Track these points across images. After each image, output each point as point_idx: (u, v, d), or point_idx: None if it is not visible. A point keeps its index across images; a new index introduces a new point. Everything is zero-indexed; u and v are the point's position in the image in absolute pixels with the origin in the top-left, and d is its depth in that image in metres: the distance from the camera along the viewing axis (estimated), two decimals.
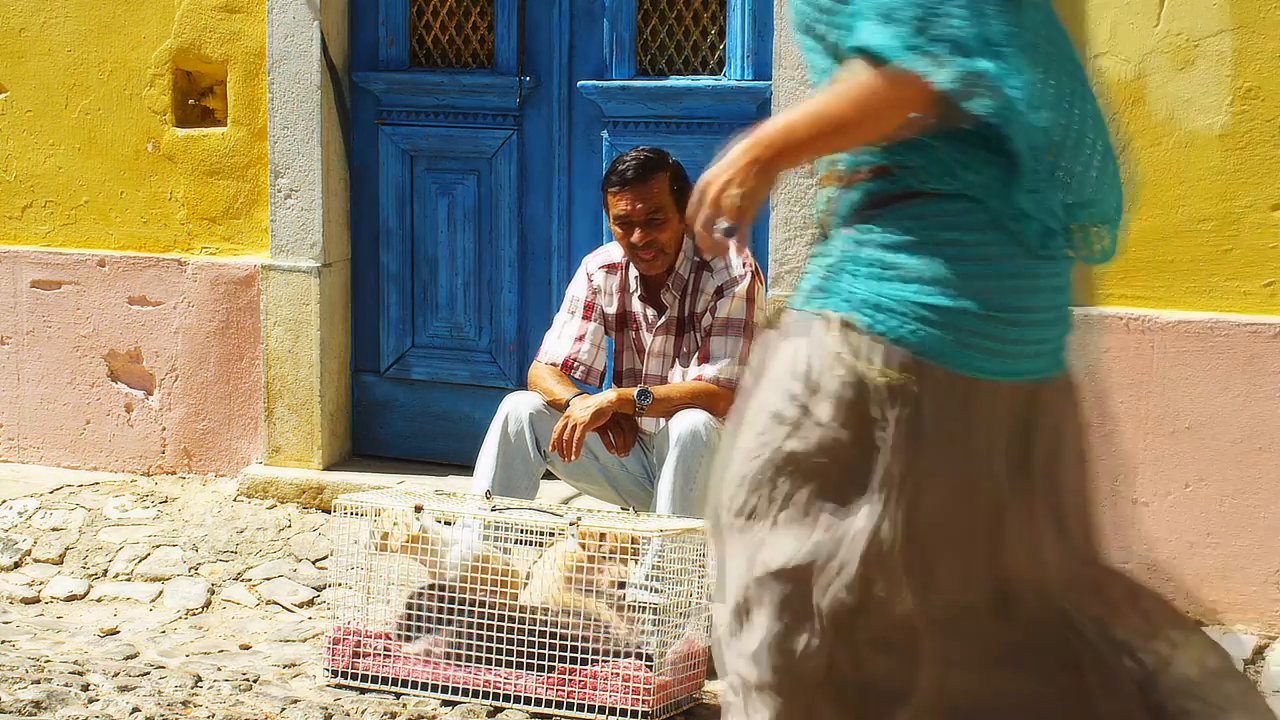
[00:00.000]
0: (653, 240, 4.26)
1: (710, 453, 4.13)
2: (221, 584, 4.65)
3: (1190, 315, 4.14)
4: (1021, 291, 2.29)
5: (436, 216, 5.15)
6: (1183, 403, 4.15)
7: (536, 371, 4.44)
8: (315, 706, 3.78)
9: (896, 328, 2.24)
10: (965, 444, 2.27)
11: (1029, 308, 2.30)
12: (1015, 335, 2.28)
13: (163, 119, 5.25)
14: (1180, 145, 4.13)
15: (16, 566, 4.82)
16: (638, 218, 4.24)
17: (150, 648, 4.22)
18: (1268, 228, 4.08)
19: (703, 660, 3.87)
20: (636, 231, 4.25)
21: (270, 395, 5.13)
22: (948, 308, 2.23)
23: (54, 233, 5.42)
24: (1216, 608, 4.15)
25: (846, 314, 2.26)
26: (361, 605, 4.00)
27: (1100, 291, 4.24)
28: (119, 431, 5.39)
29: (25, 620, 4.46)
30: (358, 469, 5.14)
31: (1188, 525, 4.17)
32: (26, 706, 3.64)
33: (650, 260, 4.30)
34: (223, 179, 5.20)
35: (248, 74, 5.12)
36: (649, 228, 4.25)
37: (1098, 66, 4.17)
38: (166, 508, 5.06)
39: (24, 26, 5.37)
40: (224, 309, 5.22)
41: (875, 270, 2.26)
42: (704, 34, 4.87)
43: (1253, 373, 4.09)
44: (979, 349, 2.25)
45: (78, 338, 5.40)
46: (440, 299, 5.18)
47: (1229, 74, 4.06)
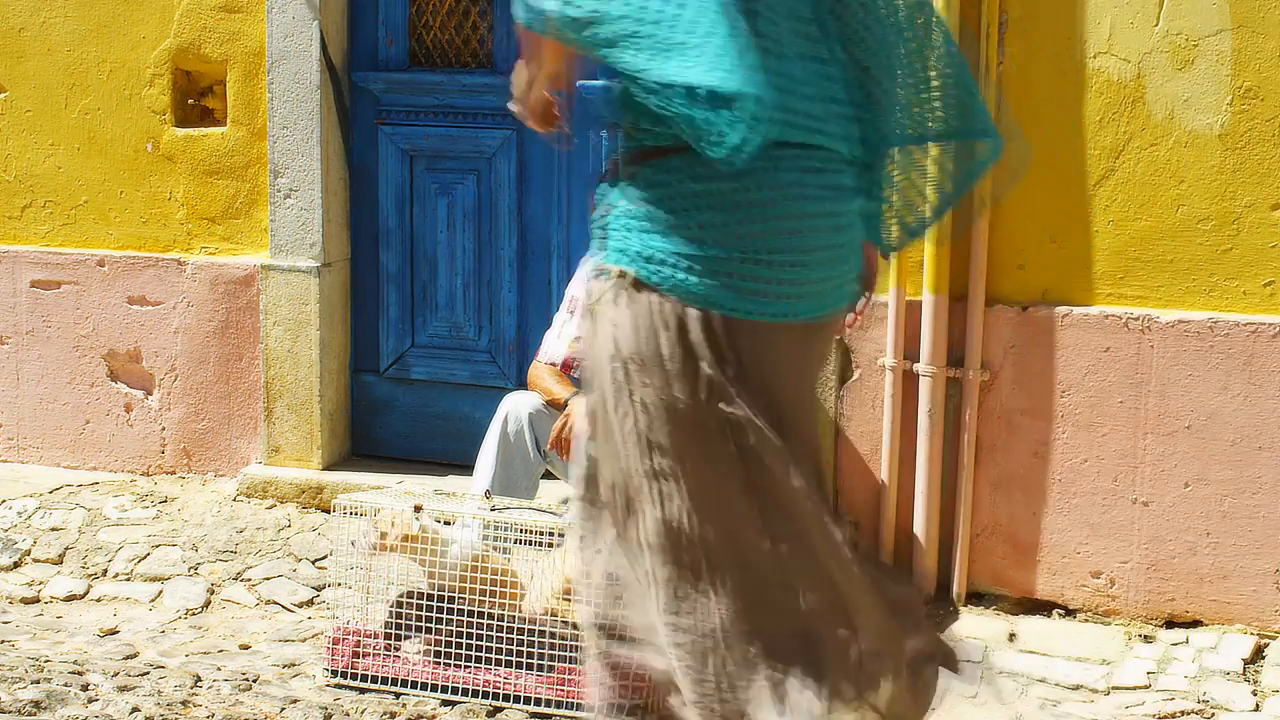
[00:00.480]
0: None
1: None
2: (221, 584, 4.65)
3: (1190, 315, 4.14)
4: (790, 233, 2.33)
5: (436, 216, 5.15)
6: (1182, 402, 4.15)
7: (536, 371, 4.44)
8: (315, 706, 3.78)
9: (669, 277, 2.30)
10: (758, 382, 2.33)
11: (800, 249, 2.34)
12: (786, 276, 2.33)
13: (162, 119, 5.24)
14: (1180, 145, 4.13)
15: (16, 566, 4.82)
16: None
17: (150, 648, 4.22)
18: (1267, 227, 4.08)
19: None
20: None
21: (270, 395, 5.13)
22: (714, 256, 2.30)
23: (54, 232, 5.42)
24: (1216, 608, 4.16)
25: (625, 266, 2.35)
26: (361, 605, 4.00)
27: (1100, 291, 4.24)
28: (118, 431, 5.39)
29: (25, 620, 4.46)
30: (357, 469, 5.14)
31: (1188, 525, 4.17)
32: (26, 706, 3.64)
33: None
34: (222, 179, 5.20)
35: (247, 74, 5.12)
36: None
37: (1098, 66, 4.18)
38: (166, 508, 5.06)
39: (24, 26, 5.37)
40: (223, 309, 5.22)
41: (641, 223, 2.34)
42: None
43: (1252, 372, 4.09)
44: (752, 293, 2.31)
45: (77, 337, 5.40)
46: (440, 299, 5.18)
47: (1229, 74, 4.06)
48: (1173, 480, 4.18)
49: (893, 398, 4.41)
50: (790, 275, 2.34)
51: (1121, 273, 4.21)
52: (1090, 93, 4.19)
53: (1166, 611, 4.20)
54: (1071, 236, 4.24)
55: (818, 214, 2.37)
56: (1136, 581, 4.22)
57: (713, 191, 2.32)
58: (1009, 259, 4.31)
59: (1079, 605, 4.29)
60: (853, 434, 4.49)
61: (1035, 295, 4.30)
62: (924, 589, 4.28)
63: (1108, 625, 4.22)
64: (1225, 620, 4.14)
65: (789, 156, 2.35)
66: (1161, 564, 4.21)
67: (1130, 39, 4.14)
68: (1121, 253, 4.21)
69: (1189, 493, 4.17)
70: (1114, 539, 4.25)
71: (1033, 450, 4.31)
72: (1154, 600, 4.21)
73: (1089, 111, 4.19)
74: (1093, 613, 4.27)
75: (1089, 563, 4.28)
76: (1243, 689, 3.88)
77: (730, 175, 2.29)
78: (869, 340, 4.45)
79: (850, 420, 4.49)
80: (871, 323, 4.43)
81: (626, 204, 2.38)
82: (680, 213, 2.33)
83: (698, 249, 2.31)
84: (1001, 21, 4.24)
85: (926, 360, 4.35)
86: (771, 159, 2.31)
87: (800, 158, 2.37)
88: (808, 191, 2.36)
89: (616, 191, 2.41)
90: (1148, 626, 4.19)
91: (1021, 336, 4.30)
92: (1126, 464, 4.21)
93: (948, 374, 4.36)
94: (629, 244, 2.36)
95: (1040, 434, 4.29)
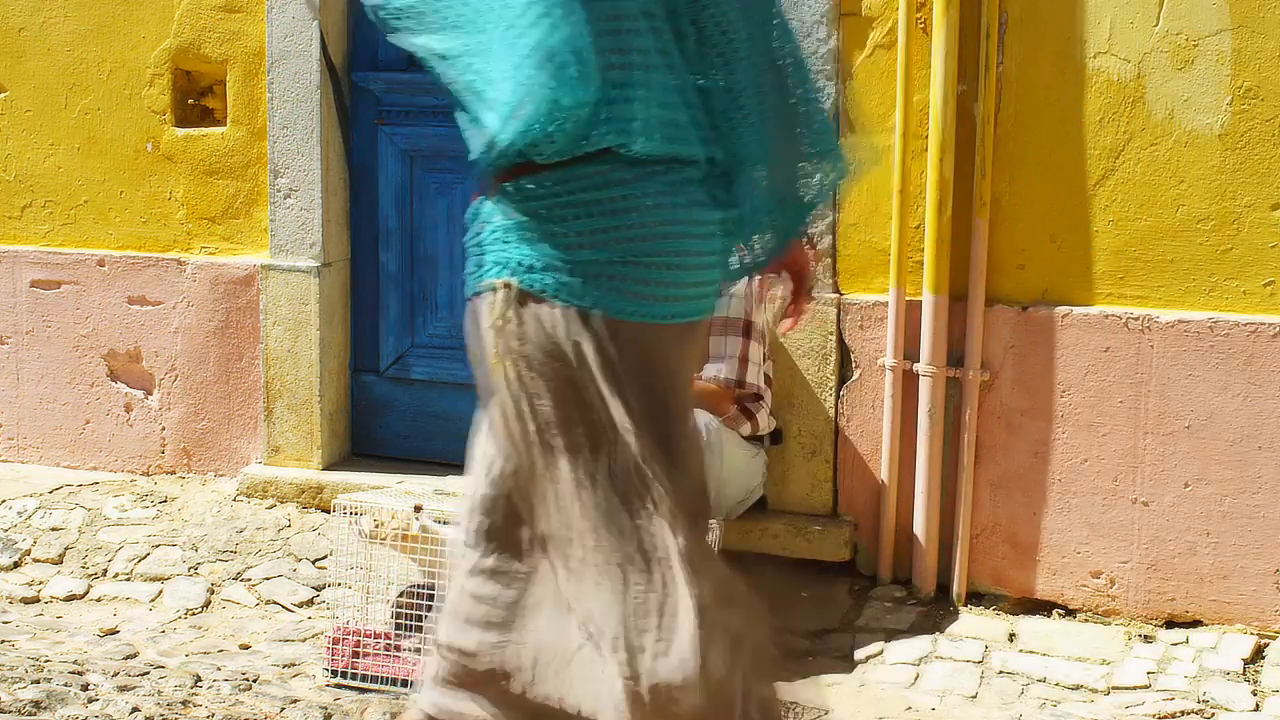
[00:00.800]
0: None
1: (713, 452, 4.13)
2: (221, 584, 4.65)
3: (1190, 315, 4.14)
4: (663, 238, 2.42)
5: (436, 216, 5.15)
6: (1182, 402, 4.15)
7: None
8: (315, 706, 3.78)
9: (552, 283, 2.38)
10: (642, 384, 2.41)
11: (675, 252, 2.43)
12: (664, 279, 2.41)
13: (162, 119, 5.24)
14: (1180, 145, 4.13)
15: (16, 566, 4.82)
16: None
17: (150, 647, 4.22)
18: (1267, 227, 4.08)
19: None
20: None
21: (270, 395, 5.13)
22: (593, 260, 2.38)
23: (53, 232, 5.42)
24: (1216, 608, 4.16)
25: (507, 278, 2.41)
26: (361, 605, 4.00)
27: (1100, 291, 4.24)
28: (118, 431, 5.39)
29: (25, 620, 4.46)
30: (357, 469, 5.14)
31: (1187, 525, 4.17)
32: (26, 706, 3.64)
33: None
34: (222, 179, 5.20)
35: (247, 74, 5.12)
36: None
37: (1098, 66, 4.18)
38: (166, 507, 5.06)
39: (24, 26, 5.37)
40: (223, 309, 5.22)
41: (519, 235, 2.41)
42: None
43: (1252, 372, 4.09)
44: (631, 294, 2.39)
45: (77, 337, 5.40)
46: (440, 299, 5.18)
47: (1228, 74, 4.06)
48: (1173, 480, 4.18)
49: (893, 398, 4.41)
50: (667, 278, 2.42)
51: (1121, 273, 4.21)
52: (1090, 93, 4.19)
53: (1166, 611, 4.21)
54: (1071, 236, 4.25)
55: (687, 221, 2.46)
56: (1136, 581, 4.22)
57: (587, 201, 2.41)
58: (1009, 259, 4.31)
59: (1079, 605, 4.29)
60: (853, 434, 4.49)
61: (1035, 295, 4.30)
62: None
63: (1108, 625, 4.22)
64: (1225, 620, 4.14)
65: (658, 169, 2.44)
66: (1161, 564, 4.21)
67: (1130, 39, 4.14)
68: (1121, 253, 4.21)
69: (1189, 493, 4.17)
70: (1114, 539, 4.25)
71: (1033, 450, 4.31)
72: (1154, 600, 4.21)
73: (1089, 111, 4.19)
74: (1093, 613, 4.27)
75: (1089, 563, 4.28)
76: (1243, 689, 3.88)
77: (602, 185, 2.39)
78: (869, 340, 4.45)
79: (850, 420, 4.49)
80: (871, 322, 4.44)
81: (502, 219, 2.45)
82: (557, 222, 2.41)
83: (577, 255, 2.39)
84: (1001, 21, 4.24)
85: (926, 360, 4.35)
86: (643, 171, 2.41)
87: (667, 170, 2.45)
88: (677, 200, 2.45)
89: (490, 208, 2.48)
90: (1148, 626, 4.19)
91: (1021, 336, 4.30)
92: (1126, 464, 4.22)
93: (948, 374, 4.36)
94: (509, 256, 2.43)
95: (1040, 434, 4.30)
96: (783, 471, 4.57)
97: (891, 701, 3.97)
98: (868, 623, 4.30)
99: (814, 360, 4.51)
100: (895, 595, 4.40)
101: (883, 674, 4.09)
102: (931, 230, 4.30)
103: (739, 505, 4.48)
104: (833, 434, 4.51)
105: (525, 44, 2.31)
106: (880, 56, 4.38)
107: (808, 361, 4.51)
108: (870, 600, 4.40)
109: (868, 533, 4.51)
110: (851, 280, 4.47)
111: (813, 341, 4.50)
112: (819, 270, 4.41)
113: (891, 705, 3.94)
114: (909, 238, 4.36)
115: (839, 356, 4.49)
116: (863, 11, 4.40)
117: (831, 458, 4.52)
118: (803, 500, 4.57)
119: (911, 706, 3.94)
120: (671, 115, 2.45)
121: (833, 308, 4.47)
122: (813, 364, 4.51)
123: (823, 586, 4.47)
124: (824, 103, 2.63)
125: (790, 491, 4.58)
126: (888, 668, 4.12)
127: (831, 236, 4.46)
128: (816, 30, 4.43)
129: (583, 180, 2.40)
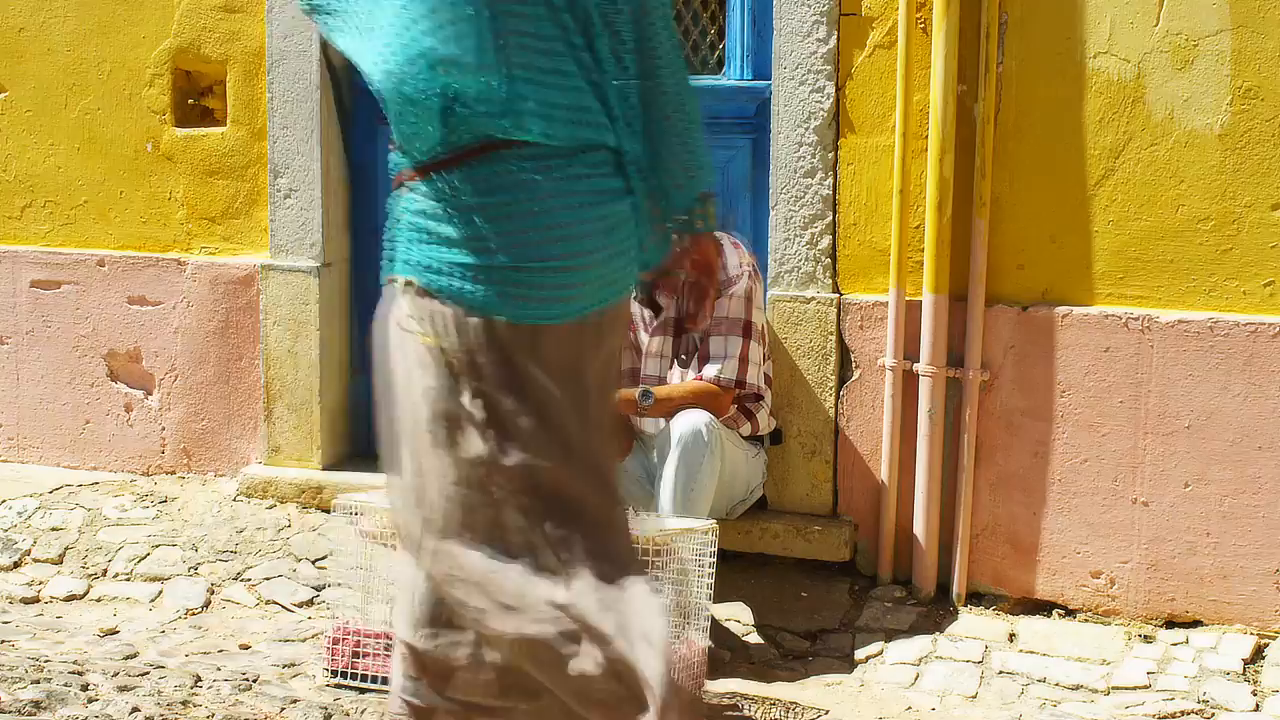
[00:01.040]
0: None
1: (711, 453, 4.13)
2: (221, 584, 4.65)
3: (1190, 315, 4.14)
4: (561, 240, 2.47)
5: None
6: (1182, 402, 4.15)
7: None
8: (315, 706, 3.78)
9: (448, 286, 2.45)
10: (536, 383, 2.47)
11: (572, 253, 2.48)
12: (560, 280, 2.47)
13: (162, 119, 5.24)
14: (1180, 145, 4.13)
15: (16, 566, 4.82)
16: None
17: (150, 648, 4.22)
18: (1267, 227, 4.08)
19: (702, 660, 3.87)
20: None
21: (270, 395, 5.13)
22: (489, 265, 2.44)
23: (53, 232, 5.42)
24: (1216, 608, 4.16)
25: (410, 276, 2.49)
26: (361, 605, 4.00)
27: (1100, 291, 4.24)
28: (118, 431, 5.39)
29: (25, 620, 4.46)
30: (357, 469, 5.14)
31: (1188, 525, 4.17)
32: (26, 706, 3.64)
33: None
34: (222, 179, 5.20)
35: (247, 74, 5.12)
36: None
37: (1098, 66, 4.18)
38: (166, 507, 5.06)
39: (23, 26, 5.37)
40: (223, 309, 5.22)
41: (422, 235, 2.48)
42: (703, 34, 4.87)
43: (1252, 372, 4.09)
44: (525, 298, 2.45)
45: (77, 338, 5.40)
46: None
47: (1228, 74, 4.06)
48: (1173, 480, 4.18)
49: (893, 398, 4.41)
50: (563, 279, 2.48)
51: (1121, 273, 4.21)
52: (1090, 93, 4.19)
53: (1166, 611, 4.20)
54: (1071, 236, 4.25)
55: (588, 219, 2.50)
56: (1136, 581, 4.22)
57: (486, 204, 2.46)
58: (1009, 259, 4.31)
59: (1079, 605, 4.29)
60: (853, 434, 4.49)
61: (1035, 295, 4.30)
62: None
63: (1108, 625, 4.22)
64: (1225, 620, 4.14)
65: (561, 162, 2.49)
66: (1161, 564, 4.21)
67: (1130, 39, 4.14)
68: (1121, 253, 4.21)
69: (1189, 493, 4.17)
70: (1114, 539, 4.25)
71: (1033, 450, 4.31)
72: (1154, 600, 4.21)
73: (1089, 111, 4.19)
74: (1093, 613, 4.27)
75: (1089, 563, 4.28)
76: (1243, 689, 3.88)
77: (499, 188, 2.45)
78: (869, 340, 4.45)
79: (850, 420, 4.49)
80: (871, 323, 4.44)
81: (410, 216, 2.52)
82: (457, 225, 2.46)
83: (474, 259, 2.45)
84: (1001, 21, 4.24)
85: (926, 360, 4.35)
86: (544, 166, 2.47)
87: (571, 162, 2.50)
88: (576, 200, 2.50)
89: (401, 204, 2.55)
90: (1148, 626, 4.19)
91: (1021, 336, 4.30)
92: (1126, 464, 4.22)
93: (948, 374, 4.36)
94: (412, 255, 2.50)
95: (1040, 434, 4.30)
96: (783, 471, 4.57)
97: (891, 701, 3.97)
98: (868, 623, 4.30)
99: (814, 360, 4.51)
100: (895, 595, 4.40)
101: (883, 674, 4.09)
102: (931, 230, 4.30)
103: (739, 505, 4.48)
104: (833, 434, 4.51)
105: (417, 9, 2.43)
106: (880, 56, 4.38)
107: (808, 361, 4.51)
108: (870, 600, 4.40)
109: (868, 533, 4.51)
110: (851, 280, 4.47)
111: (813, 341, 4.50)
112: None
113: (891, 705, 3.94)
114: (909, 238, 4.36)
115: (839, 356, 4.49)
116: (863, 11, 4.40)
117: (831, 458, 4.52)
118: (803, 500, 4.57)
119: (911, 706, 3.94)
120: (578, 100, 2.50)
121: (833, 308, 4.47)
122: (813, 364, 4.51)
123: (823, 586, 4.47)
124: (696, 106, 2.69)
125: (790, 491, 4.58)
126: (888, 668, 4.12)
127: (831, 236, 4.46)
128: (816, 30, 4.43)
129: (480, 183, 2.46)
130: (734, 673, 4.10)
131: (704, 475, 4.13)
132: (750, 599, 4.42)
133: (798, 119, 4.46)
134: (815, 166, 4.46)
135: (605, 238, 2.52)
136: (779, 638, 4.30)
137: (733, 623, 4.33)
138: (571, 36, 2.50)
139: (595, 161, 2.54)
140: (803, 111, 4.46)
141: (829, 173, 4.45)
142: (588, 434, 2.55)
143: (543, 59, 2.48)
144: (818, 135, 4.45)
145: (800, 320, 4.50)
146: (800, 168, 4.47)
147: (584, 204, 2.51)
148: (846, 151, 4.44)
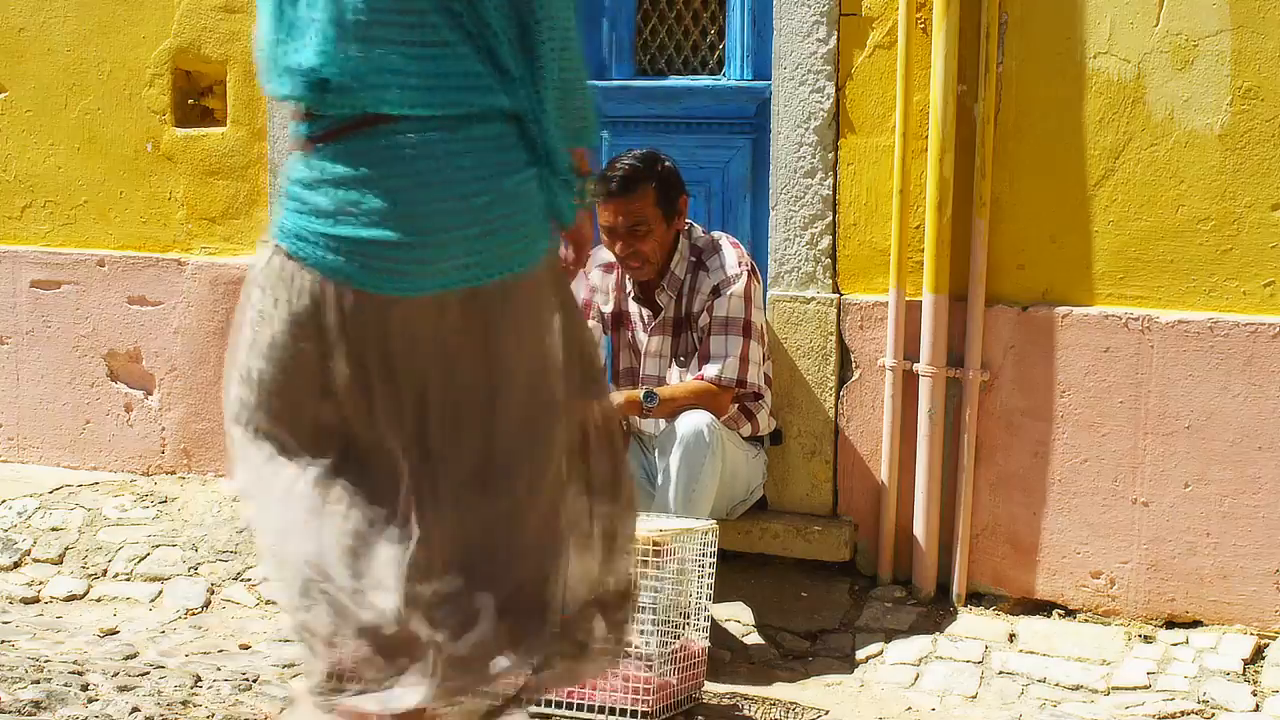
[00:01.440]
0: (635, 251, 4.30)
1: (713, 454, 4.14)
2: (221, 584, 4.65)
3: (1190, 315, 4.14)
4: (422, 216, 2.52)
5: None
6: (1182, 403, 4.15)
7: None
8: None
9: (311, 254, 2.53)
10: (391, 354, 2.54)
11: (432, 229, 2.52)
12: (417, 255, 2.52)
13: (162, 119, 5.25)
14: (1180, 145, 4.13)
15: (16, 566, 4.82)
16: (620, 230, 4.27)
17: (150, 648, 4.22)
18: (1267, 227, 4.08)
19: (702, 660, 3.87)
20: (619, 243, 4.29)
21: None
22: (349, 236, 2.51)
23: (53, 232, 5.42)
24: (1216, 608, 4.16)
25: (281, 241, 2.58)
26: None
27: (1100, 291, 4.24)
28: (118, 431, 5.39)
29: (25, 620, 4.46)
30: None
31: (1187, 525, 4.17)
32: (26, 706, 3.64)
33: (637, 269, 4.35)
34: (222, 179, 5.20)
35: (247, 74, 5.11)
36: (631, 239, 4.28)
37: (1097, 66, 4.18)
38: (166, 507, 5.06)
39: (24, 26, 5.37)
40: (223, 309, 5.21)
41: (297, 204, 2.57)
42: (703, 34, 4.87)
43: (1252, 373, 4.09)
44: (384, 270, 2.51)
45: (77, 338, 5.40)
46: None
47: (1228, 74, 4.06)
48: (1173, 480, 4.18)
49: (893, 398, 4.41)
50: (418, 255, 2.52)
51: (1121, 273, 4.21)
52: (1090, 93, 4.19)
53: (1166, 612, 4.20)
54: (1071, 236, 4.25)
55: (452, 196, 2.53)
56: (1136, 582, 4.22)
57: (352, 177, 2.52)
58: (1009, 259, 4.31)
59: (1079, 605, 4.29)
60: (853, 434, 4.49)
61: (1035, 295, 4.30)
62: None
63: (1108, 625, 4.22)
64: (1225, 620, 4.14)
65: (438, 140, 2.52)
66: (1161, 564, 4.21)
67: (1130, 39, 4.14)
68: (1121, 253, 4.21)
69: (1189, 493, 4.17)
70: (1114, 539, 4.25)
71: (1033, 450, 4.31)
72: (1154, 600, 4.21)
73: (1089, 111, 4.19)
74: (1093, 613, 4.27)
75: (1089, 563, 4.28)
76: (1243, 689, 3.88)
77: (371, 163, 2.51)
78: (869, 340, 4.45)
79: (850, 420, 4.49)
80: (871, 323, 4.44)
81: (289, 185, 2.61)
82: (323, 195, 2.54)
83: (336, 229, 2.52)
84: (1001, 21, 4.24)
85: (926, 360, 4.35)
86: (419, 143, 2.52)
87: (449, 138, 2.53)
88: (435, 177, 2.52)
89: (287, 169, 2.65)
90: (1148, 627, 4.19)
91: (1021, 336, 4.30)
92: (1126, 464, 4.22)
93: (948, 374, 4.36)
94: (285, 222, 2.58)
95: (1040, 434, 4.29)
96: (783, 472, 4.57)
97: (891, 702, 3.97)
98: (868, 623, 4.30)
99: (814, 360, 4.51)
100: (895, 595, 4.40)
101: (883, 674, 4.09)
102: (931, 230, 4.30)
103: (739, 505, 4.48)
104: (833, 434, 4.51)
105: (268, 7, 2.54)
106: (880, 57, 4.38)
107: (808, 361, 4.51)
108: (870, 600, 4.40)
109: (868, 533, 4.51)
110: (851, 280, 4.47)
111: (813, 341, 4.50)
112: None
113: (891, 705, 3.94)
114: (909, 238, 4.36)
115: (839, 357, 4.49)
116: (863, 12, 4.40)
117: (831, 458, 4.52)
118: (803, 500, 4.57)
119: (911, 707, 3.94)
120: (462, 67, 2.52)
121: (833, 308, 4.47)
122: (813, 364, 4.51)
123: (823, 587, 4.47)
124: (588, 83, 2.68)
125: (790, 491, 4.58)
126: (888, 668, 4.12)
127: (831, 237, 4.46)
128: (816, 30, 4.43)
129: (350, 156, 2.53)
130: (734, 673, 4.10)
131: (706, 476, 4.13)
132: (750, 599, 4.42)
133: (798, 119, 4.47)
134: (815, 166, 4.46)
135: (474, 215, 2.54)
136: (779, 638, 4.30)
137: (733, 623, 4.33)
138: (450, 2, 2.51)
139: (489, 134, 2.55)
140: (803, 111, 4.46)
141: (829, 173, 4.45)
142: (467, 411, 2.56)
143: (413, 32, 2.50)
144: (818, 135, 4.45)
145: (800, 320, 4.50)
146: (800, 168, 4.47)
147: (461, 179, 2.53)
148: (846, 151, 4.44)
